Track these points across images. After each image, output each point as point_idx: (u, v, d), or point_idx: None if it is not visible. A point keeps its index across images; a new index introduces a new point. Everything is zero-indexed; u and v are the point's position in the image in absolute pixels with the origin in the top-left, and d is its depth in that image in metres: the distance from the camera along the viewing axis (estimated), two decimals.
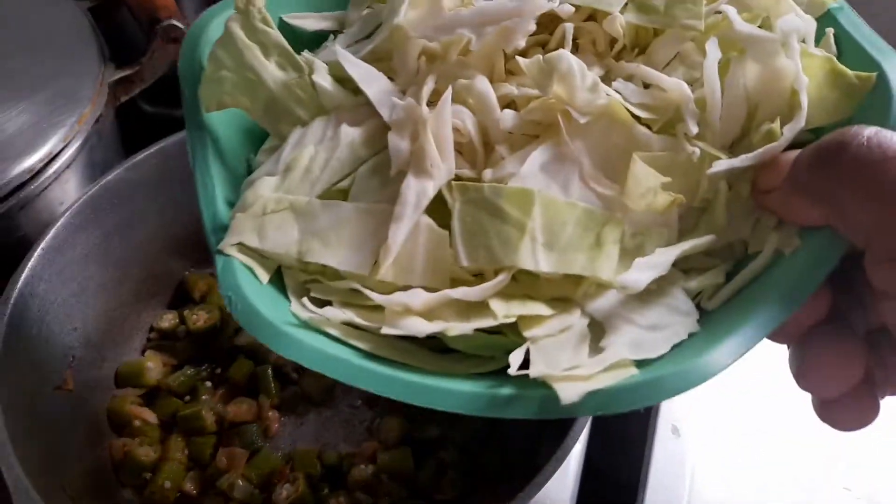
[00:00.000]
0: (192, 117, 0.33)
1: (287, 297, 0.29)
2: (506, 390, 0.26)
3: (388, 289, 0.28)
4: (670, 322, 0.27)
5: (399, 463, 0.49)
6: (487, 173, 0.30)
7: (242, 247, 0.29)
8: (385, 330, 0.27)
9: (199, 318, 0.55)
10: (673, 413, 0.58)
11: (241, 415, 0.51)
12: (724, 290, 0.28)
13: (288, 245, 0.29)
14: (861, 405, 0.26)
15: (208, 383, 0.53)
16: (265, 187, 0.30)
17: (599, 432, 0.58)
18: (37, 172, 0.48)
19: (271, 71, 0.32)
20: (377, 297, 0.28)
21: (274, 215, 0.30)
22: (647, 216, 0.29)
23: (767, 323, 0.26)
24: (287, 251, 0.29)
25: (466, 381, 0.27)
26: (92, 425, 0.49)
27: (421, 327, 0.27)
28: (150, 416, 0.51)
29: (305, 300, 0.29)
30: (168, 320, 0.55)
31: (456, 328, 0.27)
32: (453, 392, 0.26)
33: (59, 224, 0.47)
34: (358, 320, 0.28)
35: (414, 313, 0.27)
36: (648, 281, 0.27)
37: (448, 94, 0.30)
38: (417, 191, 0.29)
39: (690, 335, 0.27)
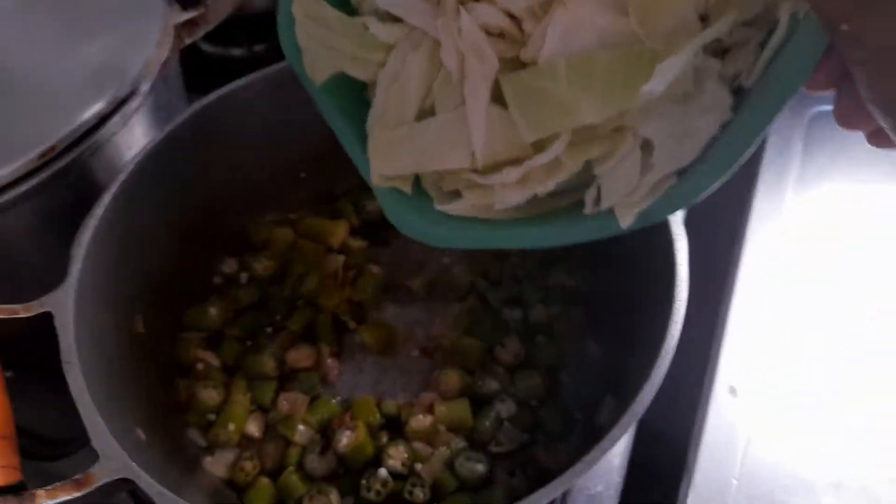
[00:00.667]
0: (310, 87, 0.41)
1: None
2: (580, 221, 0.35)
3: (491, 170, 0.36)
4: (701, 125, 0.32)
5: (457, 414, 0.49)
6: (524, 53, 0.34)
7: (383, 176, 0.39)
8: (498, 205, 0.36)
9: (260, 264, 0.56)
10: (730, 373, 0.57)
11: (301, 361, 0.52)
12: (757, 66, 0.31)
13: (411, 164, 0.38)
14: None
15: (269, 329, 0.54)
16: (378, 127, 0.39)
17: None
18: (104, 117, 0.48)
19: (340, 37, 0.39)
20: (483, 181, 0.36)
21: (392, 147, 0.38)
22: (665, 26, 0.32)
23: (788, 89, 0.29)
24: (414, 168, 0.38)
25: (555, 222, 0.36)
26: (160, 366, 0.50)
27: (520, 194, 0.36)
28: (214, 360, 0.52)
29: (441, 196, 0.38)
30: (231, 266, 0.56)
31: (543, 187, 0.35)
32: (554, 230, 0.36)
33: (127, 172, 0.47)
34: (477, 201, 0.37)
35: (511, 185, 0.36)
36: (666, 84, 0.31)
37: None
38: (474, 89, 0.35)
39: (724, 126, 0.32)
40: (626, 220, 0.33)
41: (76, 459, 0.52)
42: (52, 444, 0.53)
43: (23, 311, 0.42)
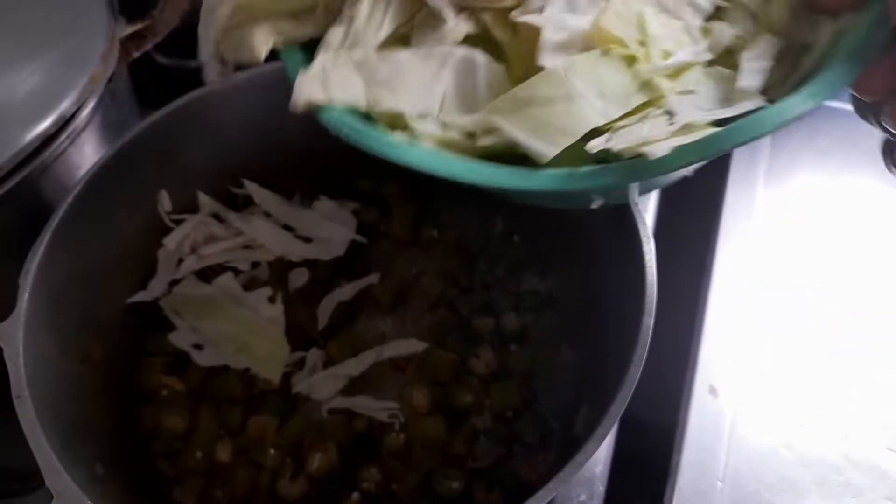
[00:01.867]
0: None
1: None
2: (589, 170, 0.29)
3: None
4: (739, 98, 0.29)
5: (431, 431, 0.48)
6: (516, 14, 0.31)
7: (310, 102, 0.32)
8: (481, 141, 0.30)
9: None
10: (710, 372, 0.56)
11: (268, 381, 0.50)
12: (793, 77, 0.30)
13: (356, 97, 0.32)
14: None
15: None
16: (334, 38, 0.33)
17: (635, 393, 0.57)
18: (51, 136, 0.46)
19: None
20: (466, 121, 0.31)
21: (336, 71, 0.32)
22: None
23: (836, 80, 0.28)
24: (356, 102, 0.32)
25: (552, 171, 0.30)
26: (121, 395, 0.48)
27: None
28: (178, 385, 0.50)
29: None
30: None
31: None
32: (546, 174, 0.29)
33: (75, 193, 0.45)
34: (455, 136, 0.31)
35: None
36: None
37: None
38: (456, 29, 0.31)
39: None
40: (658, 151, 0.28)
41: (41, 494, 0.50)
42: (16, 479, 0.51)
43: None
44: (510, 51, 0.32)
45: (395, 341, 0.52)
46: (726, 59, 0.31)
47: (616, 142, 0.28)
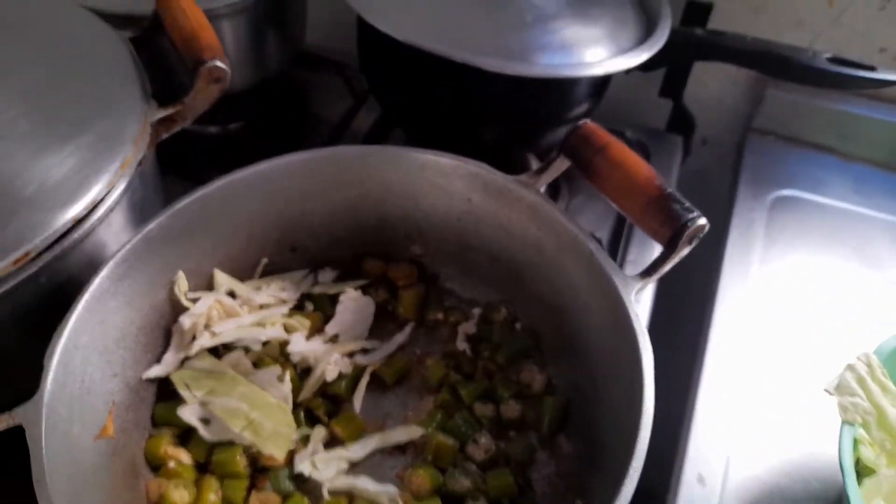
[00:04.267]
0: None
1: None
2: None
3: None
4: None
5: None
6: None
7: None
8: None
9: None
10: (699, 461, 0.58)
11: (273, 458, 0.52)
12: None
13: None
14: None
15: None
16: None
17: None
18: (81, 219, 0.48)
19: None
20: None
21: None
22: None
23: None
24: None
25: None
26: (129, 466, 0.50)
27: None
28: (185, 457, 0.52)
29: None
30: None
31: None
32: None
33: (101, 275, 0.47)
34: None
35: None
36: None
37: None
38: None
39: None
40: None
41: None
42: None
43: None
44: None
45: (398, 428, 0.54)
46: None
47: None
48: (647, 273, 0.47)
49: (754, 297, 0.68)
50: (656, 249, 0.48)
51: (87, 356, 0.47)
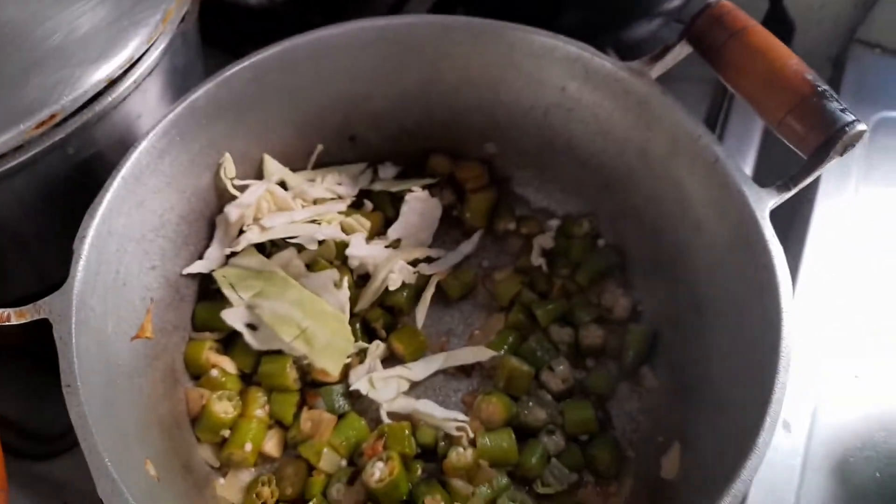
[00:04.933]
0: None
1: None
2: None
3: None
4: None
5: (501, 448, 0.44)
6: None
7: None
8: None
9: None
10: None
11: (326, 373, 0.46)
12: None
13: None
14: None
15: None
16: None
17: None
18: (115, 80, 0.40)
19: None
20: None
21: None
22: None
23: None
24: None
25: None
26: (168, 373, 0.44)
27: None
28: (230, 366, 0.46)
29: None
30: None
31: None
32: None
33: (140, 148, 0.40)
34: None
35: None
36: None
37: None
38: None
39: None
40: None
41: (64, 461, 0.46)
42: (38, 440, 0.47)
43: (15, 317, 0.35)
44: None
45: (465, 348, 0.48)
46: None
47: None
48: (785, 186, 0.40)
49: (850, 227, 0.61)
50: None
51: (123, 244, 0.40)
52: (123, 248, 0.40)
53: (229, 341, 0.47)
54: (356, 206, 0.52)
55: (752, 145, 0.61)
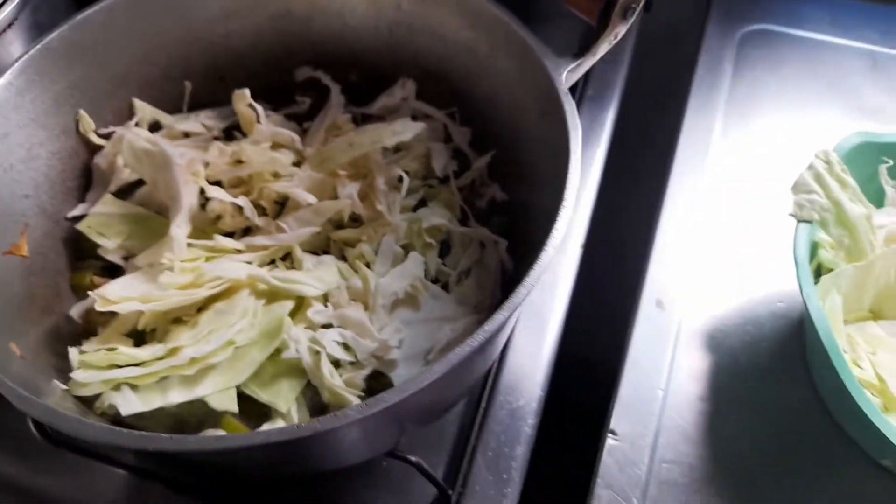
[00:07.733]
0: None
1: None
2: None
3: None
4: None
5: None
6: None
7: None
8: None
9: None
10: (658, 287, 0.56)
11: None
12: None
13: None
14: None
15: None
16: None
17: (580, 306, 0.57)
18: None
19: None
20: None
21: None
22: None
23: None
24: None
25: None
26: (51, 290, 0.48)
27: None
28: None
29: None
30: None
31: None
32: None
33: None
34: None
35: None
36: None
37: None
38: None
39: None
40: None
41: None
42: None
43: None
44: None
45: None
46: None
47: None
48: (579, 53, 0.44)
49: (721, 130, 0.65)
50: None
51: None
52: None
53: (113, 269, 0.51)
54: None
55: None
